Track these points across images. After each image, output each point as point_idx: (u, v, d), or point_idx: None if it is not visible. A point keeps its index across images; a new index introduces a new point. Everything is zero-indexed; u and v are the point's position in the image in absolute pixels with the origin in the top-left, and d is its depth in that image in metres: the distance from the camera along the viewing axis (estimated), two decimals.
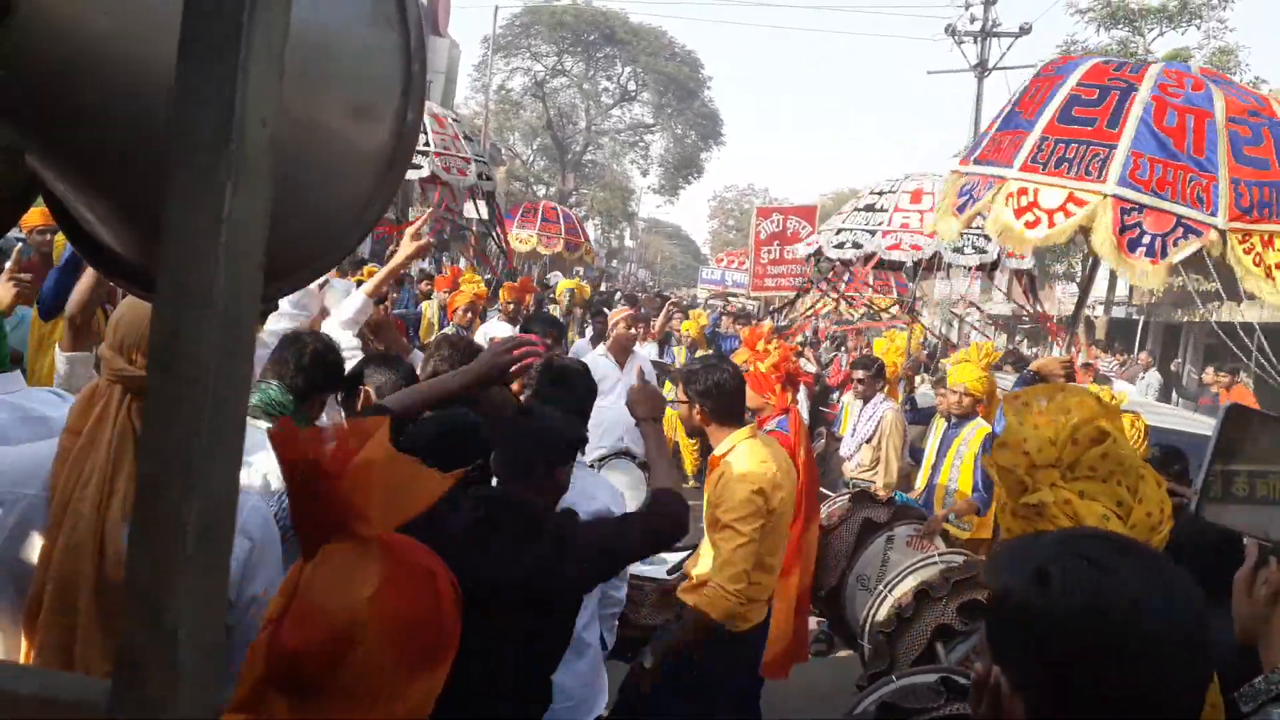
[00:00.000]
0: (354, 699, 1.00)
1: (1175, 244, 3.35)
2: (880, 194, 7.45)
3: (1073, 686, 0.93)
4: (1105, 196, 3.44)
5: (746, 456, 3.08)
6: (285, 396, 2.27)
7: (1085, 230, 3.58)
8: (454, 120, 8.57)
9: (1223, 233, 3.39)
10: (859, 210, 7.69)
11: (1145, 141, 3.49)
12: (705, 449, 3.80)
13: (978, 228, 6.85)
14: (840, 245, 7.62)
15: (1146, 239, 3.36)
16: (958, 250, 6.85)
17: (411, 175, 7.63)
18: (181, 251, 0.42)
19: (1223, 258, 3.42)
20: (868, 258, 7.46)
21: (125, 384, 1.52)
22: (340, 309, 2.99)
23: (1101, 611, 0.93)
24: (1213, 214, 3.38)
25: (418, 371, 2.88)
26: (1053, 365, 3.55)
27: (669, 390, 5.82)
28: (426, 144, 7.61)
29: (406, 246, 3.16)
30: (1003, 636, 1.00)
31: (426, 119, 7.76)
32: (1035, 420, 1.73)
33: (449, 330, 6.83)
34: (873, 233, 7.18)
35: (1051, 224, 3.53)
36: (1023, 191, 3.66)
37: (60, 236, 3.98)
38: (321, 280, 4.42)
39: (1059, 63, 4.19)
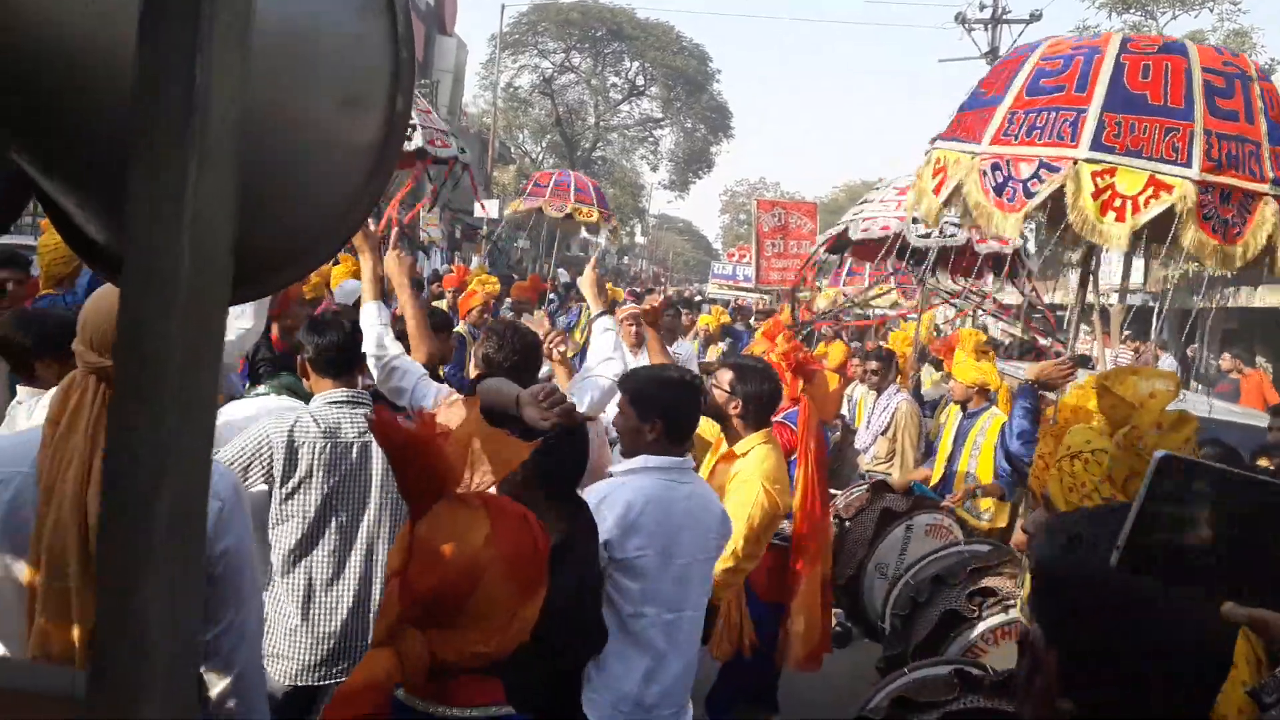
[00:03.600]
0: (479, 626, 1.22)
1: (1146, 205, 3.27)
2: (876, 189, 7.52)
3: (1096, 636, 1.00)
4: (1077, 162, 3.35)
5: (763, 460, 3.31)
6: (299, 382, 2.82)
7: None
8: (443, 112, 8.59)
9: (1196, 183, 3.29)
10: (860, 201, 7.75)
11: (1116, 102, 3.41)
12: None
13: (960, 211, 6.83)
14: (839, 231, 7.67)
15: (1118, 202, 3.28)
16: (923, 236, 6.83)
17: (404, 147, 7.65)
18: (144, 233, 0.41)
19: (1186, 216, 3.29)
20: (847, 243, 7.49)
21: (99, 374, 1.68)
22: (366, 324, 2.85)
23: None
24: (1187, 165, 3.30)
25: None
26: (1050, 371, 3.47)
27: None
28: (411, 120, 7.65)
29: (359, 243, 2.97)
30: (1040, 598, 1.10)
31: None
32: (1140, 402, 1.69)
33: (461, 327, 6.83)
34: (854, 219, 7.22)
35: (1029, 194, 3.44)
36: (996, 166, 3.55)
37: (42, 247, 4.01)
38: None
39: (1022, 48, 4.11)
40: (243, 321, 3.22)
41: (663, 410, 2.60)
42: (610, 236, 12.59)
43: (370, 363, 2.84)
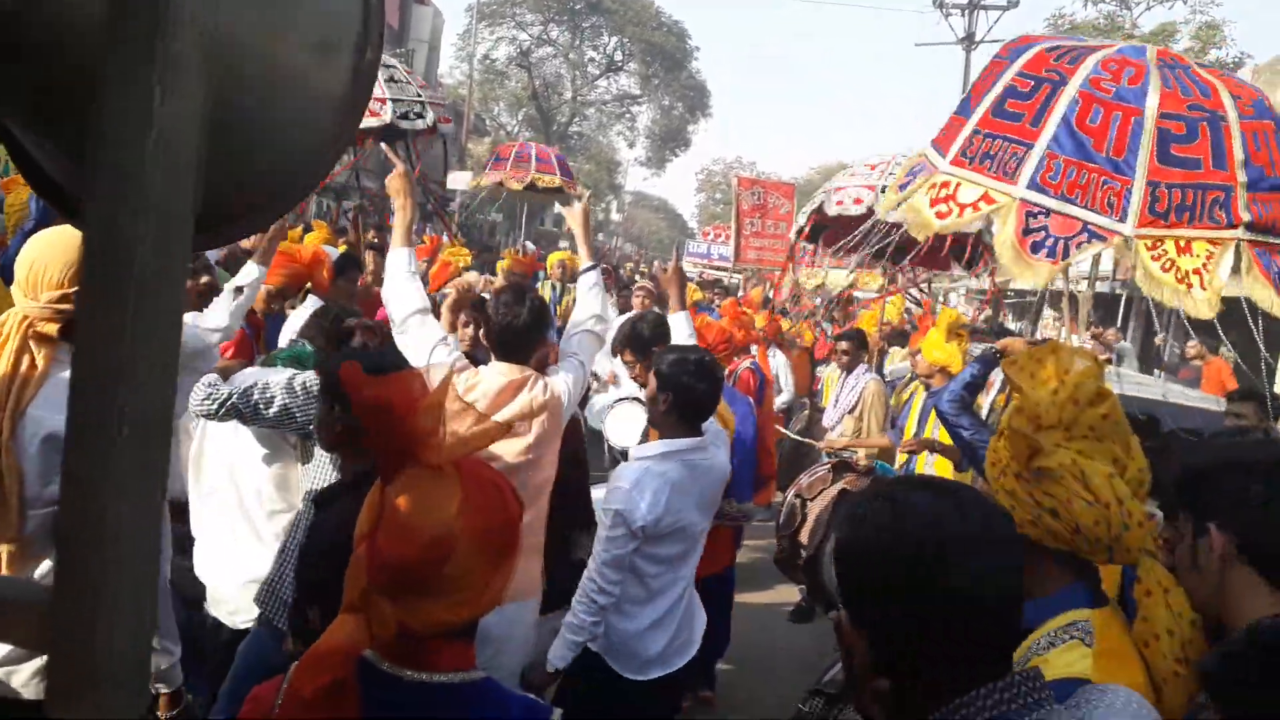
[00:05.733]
0: (450, 596, 1.20)
1: (1078, 247, 3.31)
2: (847, 172, 7.63)
3: (895, 610, 1.01)
4: (1014, 199, 3.42)
5: None
6: (307, 351, 3.08)
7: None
8: (385, 63, 8.34)
9: (1128, 239, 3.33)
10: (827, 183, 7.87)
11: (1063, 142, 3.43)
12: None
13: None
14: (807, 213, 7.75)
15: (1049, 241, 3.33)
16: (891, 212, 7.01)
17: (371, 123, 7.51)
18: (113, 150, 0.42)
19: (1133, 265, 3.33)
20: (825, 225, 7.59)
21: (24, 313, 1.91)
22: (399, 284, 2.88)
23: (899, 533, 1.01)
24: (1121, 220, 3.31)
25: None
26: (1017, 345, 3.53)
27: None
28: (383, 94, 7.50)
29: (398, 187, 2.97)
30: (840, 579, 1.09)
31: (400, 69, 7.68)
32: (1040, 382, 1.74)
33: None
34: (828, 192, 7.30)
35: (960, 215, 3.55)
36: (944, 185, 3.66)
37: (10, 205, 3.96)
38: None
39: (1016, 44, 4.07)
40: (216, 318, 3.29)
41: (674, 387, 2.86)
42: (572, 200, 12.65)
43: (390, 309, 2.86)
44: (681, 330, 3.59)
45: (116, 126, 0.41)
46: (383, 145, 4.16)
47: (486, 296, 3.76)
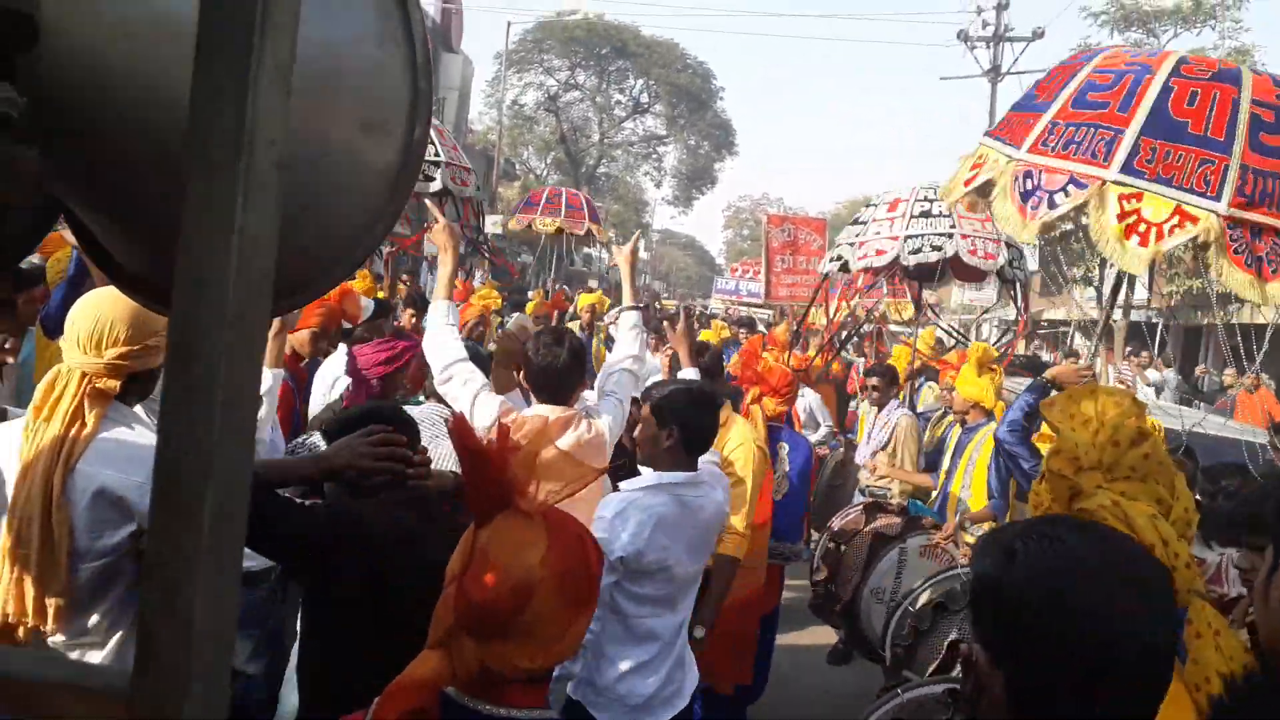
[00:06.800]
0: (530, 639, 1.26)
1: (1171, 233, 3.25)
2: (867, 207, 7.58)
3: (1039, 651, 0.99)
4: (1105, 182, 3.31)
5: (741, 426, 3.82)
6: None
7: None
8: (450, 132, 8.61)
9: (1223, 218, 3.25)
10: (849, 225, 7.79)
11: (1157, 126, 3.34)
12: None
13: (949, 224, 6.86)
14: (832, 259, 7.71)
15: (1142, 227, 3.26)
16: (914, 251, 6.88)
17: (424, 188, 7.68)
18: (198, 261, 0.46)
19: (1216, 248, 3.22)
20: (845, 269, 7.56)
21: (82, 370, 1.93)
22: (439, 336, 2.93)
23: (1055, 574, 0.99)
24: (1216, 199, 3.24)
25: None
26: (1069, 373, 3.49)
27: None
28: (437, 155, 7.65)
29: (443, 242, 3.05)
30: (980, 614, 1.07)
31: (432, 133, 7.82)
32: (1079, 423, 1.73)
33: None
34: (852, 244, 7.26)
35: (1052, 205, 3.38)
36: (1027, 175, 3.51)
37: (55, 260, 4.08)
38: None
39: (1083, 53, 4.06)
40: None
41: (679, 421, 2.74)
42: (606, 245, 12.88)
43: (431, 360, 2.94)
44: (630, 335, 3.37)
45: (200, 243, 0.44)
46: (427, 201, 4.24)
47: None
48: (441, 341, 2.93)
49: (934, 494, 5.73)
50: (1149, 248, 3.23)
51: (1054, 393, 3.46)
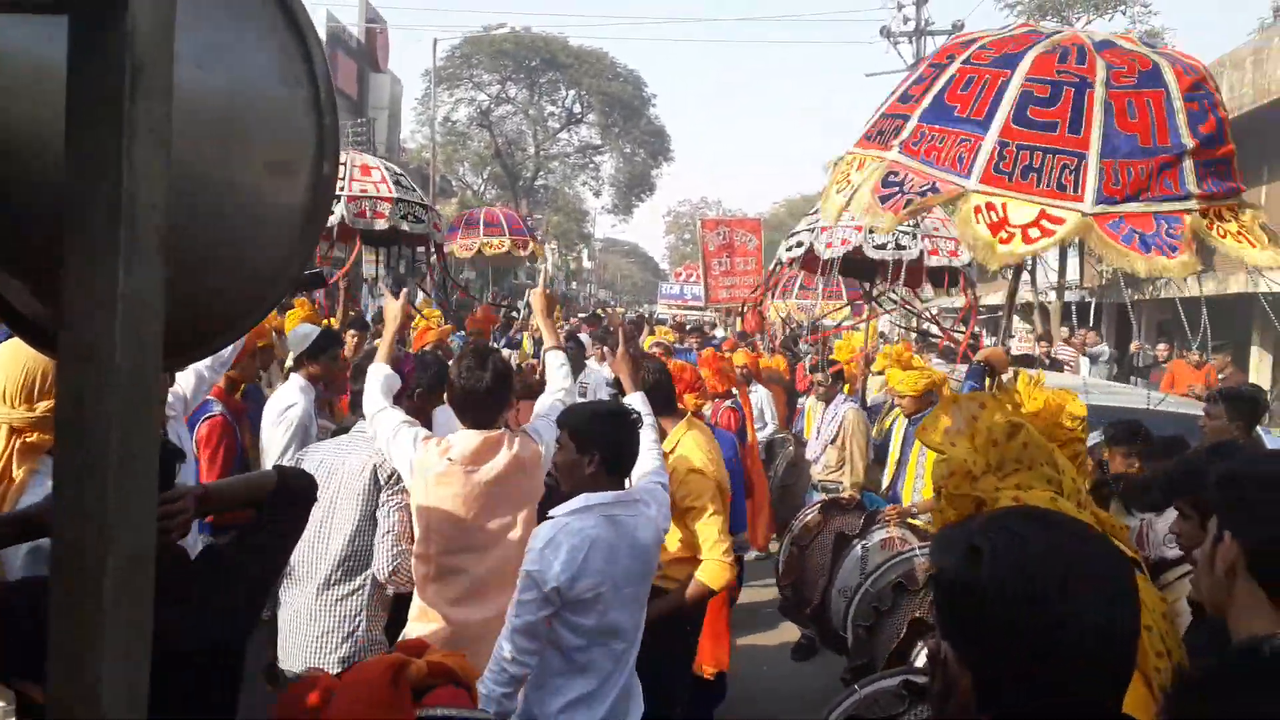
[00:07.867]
0: None
1: (1170, 236, 3.19)
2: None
3: (1008, 648, 0.99)
4: (1085, 215, 3.15)
5: (694, 448, 3.64)
6: None
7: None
8: (388, 167, 8.29)
9: (1197, 213, 3.22)
10: (806, 215, 7.86)
11: (1112, 146, 3.22)
12: None
13: (912, 224, 6.91)
14: (790, 249, 7.76)
15: (1136, 237, 3.20)
16: (879, 246, 6.95)
17: (378, 224, 7.54)
18: (81, 328, 0.45)
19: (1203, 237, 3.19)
20: (809, 258, 7.61)
21: (10, 424, 1.88)
22: (371, 391, 3.11)
23: (1024, 574, 0.99)
24: (1185, 199, 3.16)
25: None
26: (998, 354, 3.59)
27: None
28: (341, 188, 7.44)
29: (393, 314, 3.41)
30: (946, 612, 1.06)
31: (353, 168, 7.64)
32: (955, 436, 1.80)
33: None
34: (812, 230, 7.33)
35: (1027, 239, 3.17)
36: (990, 206, 3.28)
37: None
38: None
39: (953, 48, 3.86)
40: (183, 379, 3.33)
41: (601, 444, 2.63)
42: (534, 260, 12.76)
43: (365, 408, 3.11)
44: (560, 374, 3.41)
45: (82, 315, 0.43)
46: (381, 287, 4.51)
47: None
48: (374, 399, 3.08)
49: (884, 484, 5.82)
50: (1175, 259, 3.13)
51: (988, 376, 3.54)
